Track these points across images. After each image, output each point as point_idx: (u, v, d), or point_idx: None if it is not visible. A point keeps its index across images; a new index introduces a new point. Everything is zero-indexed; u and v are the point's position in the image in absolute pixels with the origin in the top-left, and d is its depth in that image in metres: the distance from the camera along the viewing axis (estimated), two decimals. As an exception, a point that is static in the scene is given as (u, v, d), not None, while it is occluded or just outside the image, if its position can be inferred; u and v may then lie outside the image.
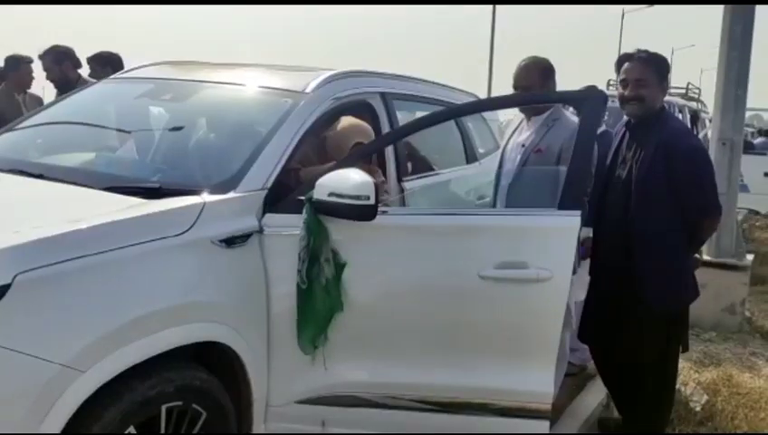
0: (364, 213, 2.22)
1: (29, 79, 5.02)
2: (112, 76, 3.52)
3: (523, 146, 3.11)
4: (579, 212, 2.34)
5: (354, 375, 2.41)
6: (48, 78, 4.75)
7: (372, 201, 2.20)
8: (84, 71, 4.88)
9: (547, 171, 2.97)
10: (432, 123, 2.89)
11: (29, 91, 5.10)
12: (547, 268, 2.30)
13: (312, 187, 2.28)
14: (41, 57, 4.72)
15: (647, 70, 2.74)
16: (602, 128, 4.16)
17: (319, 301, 2.27)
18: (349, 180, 2.23)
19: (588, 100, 2.62)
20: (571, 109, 3.20)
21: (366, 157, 2.87)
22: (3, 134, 3.08)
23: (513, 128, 3.36)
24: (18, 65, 4.95)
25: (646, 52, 2.80)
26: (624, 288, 2.79)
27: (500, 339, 2.40)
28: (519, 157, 3.09)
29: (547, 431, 2.40)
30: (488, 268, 2.32)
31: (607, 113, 3.79)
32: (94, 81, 4.37)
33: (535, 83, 3.05)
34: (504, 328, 2.39)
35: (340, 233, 2.30)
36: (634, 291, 2.74)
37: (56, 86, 4.67)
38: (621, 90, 2.78)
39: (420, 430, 2.47)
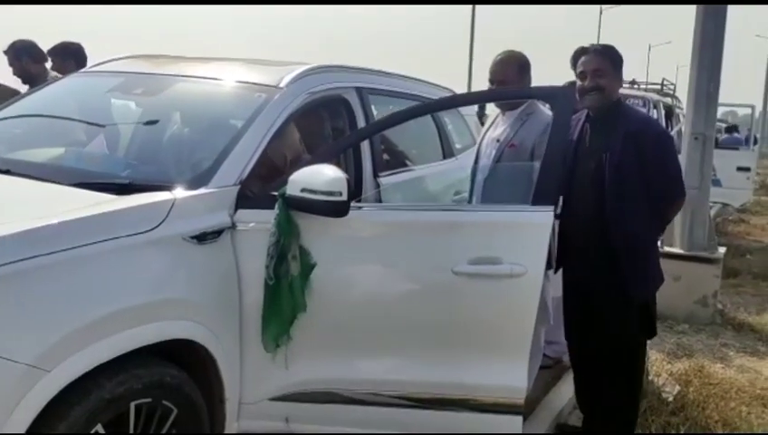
0: (336, 209, 2.21)
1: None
2: (83, 70, 3.46)
3: (498, 141, 3.12)
4: (552, 207, 2.35)
5: (328, 372, 2.40)
6: (13, 74, 4.67)
7: (345, 197, 2.19)
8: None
9: (521, 167, 2.98)
10: (406, 119, 2.89)
11: (4, 84, 4.99)
12: (521, 264, 2.31)
13: (285, 182, 2.27)
14: (5, 53, 4.64)
15: (603, 61, 2.81)
16: None
17: (285, 299, 2.25)
18: (321, 176, 2.22)
19: (559, 96, 2.64)
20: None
21: (340, 152, 2.86)
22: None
23: (489, 123, 3.37)
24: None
25: (600, 45, 2.92)
26: (597, 277, 2.82)
27: (474, 335, 2.40)
28: (494, 152, 3.10)
29: (520, 427, 2.41)
30: (462, 264, 2.32)
31: None
32: (57, 75, 4.31)
33: (512, 78, 3.06)
34: (478, 324, 2.39)
35: (313, 229, 2.29)
36: (608, 279, 2.78)
37: (23, 82, 4.59)
38: (580, 82, 2.84)
39: (398, 427, 2.47)
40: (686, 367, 3.98)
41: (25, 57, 4.60)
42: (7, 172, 2.39)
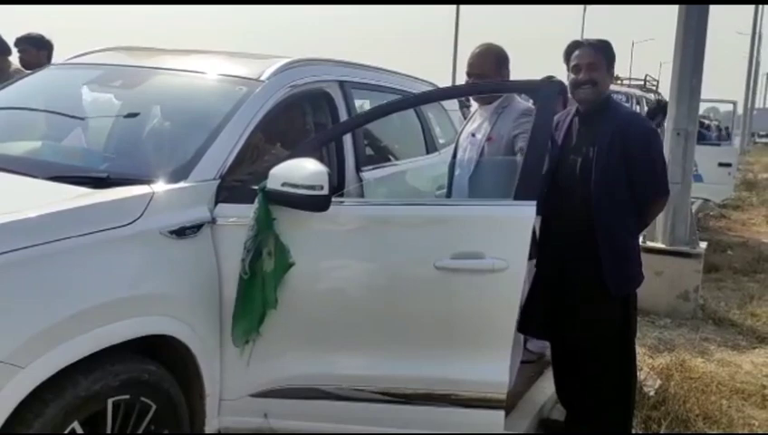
0: (317, 203, 2.19)
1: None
2: (61, 61, 3.39)
3: (473, 135, 3.11)
4: (534, 202, 2.34)
5: (310, 368, 2.38)
6: None
7: (326, 191, 2.16)
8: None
9: (503, 161, 2.97)
10: (388, 112, 2.87)
11: None
12: (503, 258, 2.30)
13: (266, 176, 2.24)
14: None
15: (597, 55, 2.81)
16: None
17: (257, 294, 2.21)
18: (302, 170, 2.19)
19: (542, 89, 2.63)
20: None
21: (321, 146, 2.84)
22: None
23: (468, 117, 3.36)
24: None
25: (596, 39, 2.90)
26: (584, 275, 2.82)
27: (457, 330, 2.39)
28: (470, 146, 3.09)
29: (502, 422, 2.41)
30: (444, 259, 2.30)
31: None
32: (19, 68, 4.25)
33: (489, 71, 3.04)
34: (460, 319, 2.38)
35: (294, 224, 2.26)
36: (591, 275, 2.78)
37: None
38: (573, 76, 2.82)
39: (380, 423, 2.45)
40: (667, 361, 4.01)
41: None
42: (-19, 166, 2.34)
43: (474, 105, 3.47)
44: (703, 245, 5.55)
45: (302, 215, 2.23)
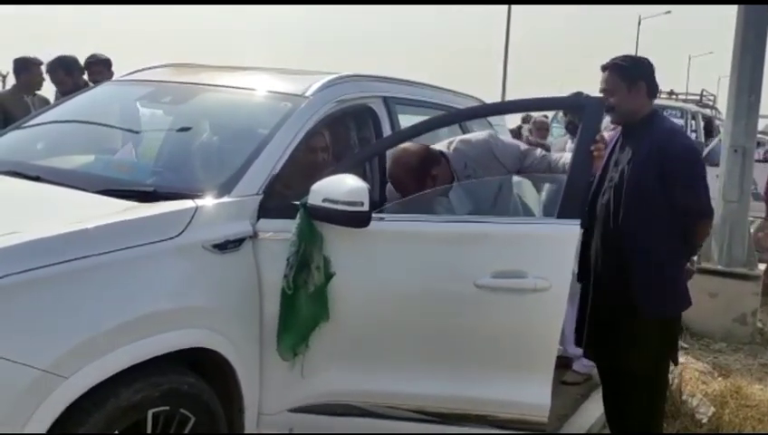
0: (358, 219, 2.20)
1: (39, 81, 5.05)
2: (115, 78, 3.52)
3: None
4: (578, 221, 2.32)
5: (347, 384, 2.38)
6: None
7: (366, 207, 2.18)
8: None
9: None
10: (430, 128, 2.86)
11: (38, 93, 5.14)
12: (545, 277, 2.27)
13: (308, 192, 2.26)
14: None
15: (611, 78, 2.75)
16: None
17: (304, 308, 2.23)
18: (342, 186, 2.21)
19: (587, 107, 2.61)
20: None
21: (363, 161, 2.84)
22: (6, 135, 3.09)
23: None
24: (29, 67, 4.98)
25: (612, 59, 2.80)
26: (616, 294, 2.74)
27: (496, 349, 2.37)
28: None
29: None
30: (485, 277, 2.29)
31: None
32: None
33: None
34: (500, 338, 2.36)
35: (335, 239, 2.27)
36: (625, 297, 2.69)
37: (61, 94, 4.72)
38: None
39: None
40: (722, 387, 3.84)
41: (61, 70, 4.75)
42: (37, 179, 2.43)
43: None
44: (762, 266, 5.32)
45: (342, 230, 2.23)
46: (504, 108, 3.15)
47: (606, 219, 2.75)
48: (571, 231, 2.30)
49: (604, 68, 2.80)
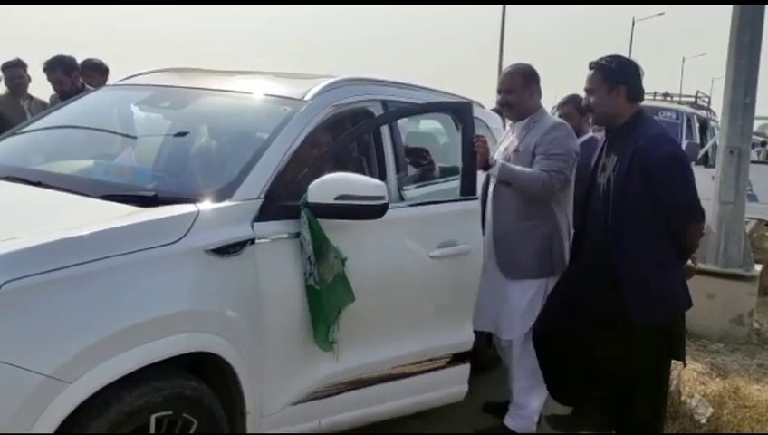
0: (379, 211, 2.39)
1: (19, 83, 4.94)
2: (113, 82, 3.51)
3: (506, 149, 3.20)
4: (476, 197, 2.98)
5: (346, 362, 2.52)
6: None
7: (387, 200, 2.40)
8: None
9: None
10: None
11: (35, 97, 5.11)
12: (467, 242, 2.87)
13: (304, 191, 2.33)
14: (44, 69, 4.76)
15: (592, 77, 2.82)
16: (588, 134, 4.15)
17: (326, 298, 2.32)
18: (361, 183, 2.39)
19: (457, 110, 3.10)
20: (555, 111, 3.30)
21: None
22: (4, 140, 3.08)
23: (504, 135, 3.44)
24: (5, 71, 4.93)
25: (600, 58, 2.83)
26: (600, 298, 2.75)
27: (448, 304, 2.90)
28: (500, 159, 3.15)
29: (468, 371, 3.00)
30: (434, 249, 2.79)
31: None
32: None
33: (517, 86, 3.12)
34: (449, 295, 2.89)
35: (330, 232, 2.38)
36: (610, 301, 2.70)
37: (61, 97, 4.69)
38: None
39: (390, 398, 2.77)
40: (720, 388, 3.86)
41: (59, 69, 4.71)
42: (37, 184, 2.43)
43: (509, 123, 3.53)
44: (758, 267, 5.33)
45: (328, 223, 2.36)
46: (394, 115, 3.19)
47: (596, 225, 2.78)
48: (475, 205, 2.96)
49: (590, 66, 2.82)
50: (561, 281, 2.98)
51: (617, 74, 2.75)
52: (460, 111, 3.09)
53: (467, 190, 2.95)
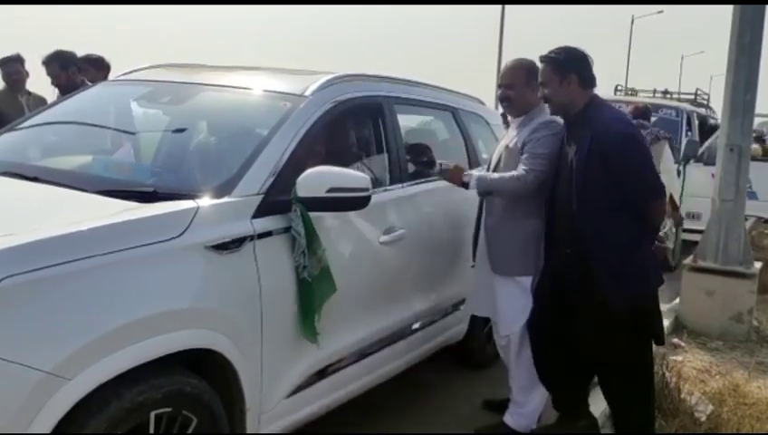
0: (363, 202, 2.47)
1: (17, 79, 4.90)
2: (112, 78, 3.50)
3: (506, 147, 3.17)
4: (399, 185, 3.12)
5: (335, 344, 2.61)
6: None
7: (370, 192, 2.47)
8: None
9: None
10: None
11: (32, 92, 5.09)
12: (403, 228, 2.99)
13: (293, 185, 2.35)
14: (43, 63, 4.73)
15: (543, 71, 2.85)
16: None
17: (316, 290, 2.36)
18: (349, 176, 2.44)
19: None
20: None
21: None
22: (1, 135, 3.06)
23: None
24: (3, 66, 4.90)
25: (547, 52, 2.87)
26: (573, 280, 2.79)
27: (396, 284, 3.02)
28: (495, 158, 3.18)
29: None
30: (382, 235, 2.89)
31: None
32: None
33: (518, 82, 3.11)
34: (396, 274, 3.01)
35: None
36: (583, 282, 2.74)
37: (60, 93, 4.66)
38: None
39: (383, 364, 2.95)
40: (719, 386, 3.85)
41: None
42: (35, 179, 2.41)
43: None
44: (757, 264, 5.32)
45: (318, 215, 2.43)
46: None
47: (562, 213, 2.81)
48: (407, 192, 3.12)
49: (541, 60, 2.86)
50: (543, 274, 2.99)
51: (566, 65, 2.80)
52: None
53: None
